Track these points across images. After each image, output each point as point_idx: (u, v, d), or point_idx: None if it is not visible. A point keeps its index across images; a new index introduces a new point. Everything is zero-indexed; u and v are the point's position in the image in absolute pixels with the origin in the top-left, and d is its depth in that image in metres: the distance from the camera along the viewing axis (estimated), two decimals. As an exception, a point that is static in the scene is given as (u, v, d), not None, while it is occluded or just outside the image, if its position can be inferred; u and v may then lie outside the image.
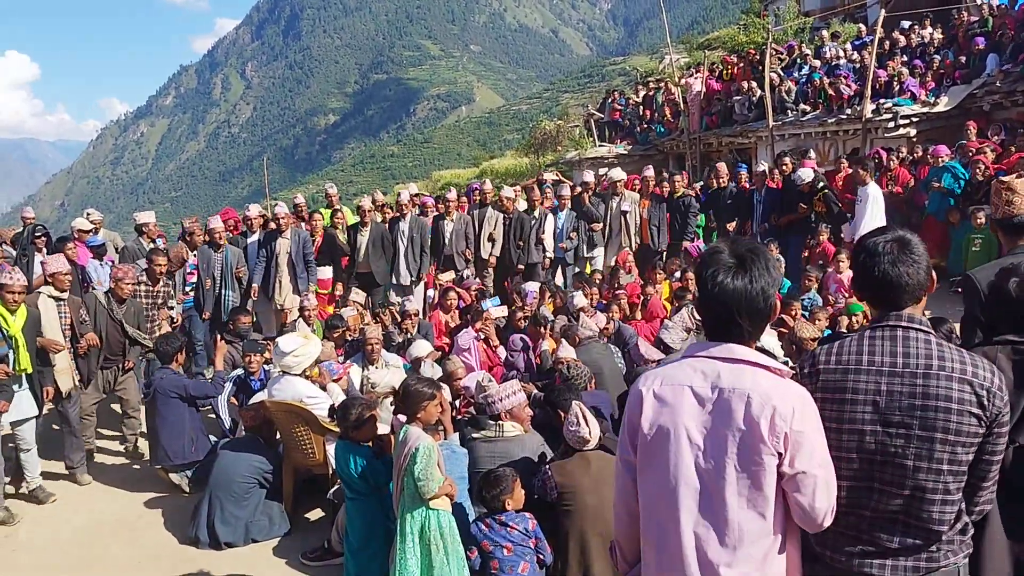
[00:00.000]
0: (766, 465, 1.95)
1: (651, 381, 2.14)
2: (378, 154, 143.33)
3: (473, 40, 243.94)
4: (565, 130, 22.91)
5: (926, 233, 9.91)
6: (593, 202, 10.13)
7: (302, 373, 5.46)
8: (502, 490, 4.02)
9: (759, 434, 1.95)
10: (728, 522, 1.97)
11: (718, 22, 74.04)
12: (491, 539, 3.97)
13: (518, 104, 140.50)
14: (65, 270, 6.41)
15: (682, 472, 2.03)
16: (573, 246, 9.99)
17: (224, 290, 8.71)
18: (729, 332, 2.07)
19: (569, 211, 10.03)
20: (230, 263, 8.74)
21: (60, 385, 6.11)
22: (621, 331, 7.19)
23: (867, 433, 2.12)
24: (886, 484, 2.11)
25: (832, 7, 23.45)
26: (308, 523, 5.65)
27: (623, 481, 2.23)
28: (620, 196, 10.18)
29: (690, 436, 2.03)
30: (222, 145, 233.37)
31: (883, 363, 2.13)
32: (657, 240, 10.06)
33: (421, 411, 3.85)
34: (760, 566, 1.98)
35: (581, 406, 4.27)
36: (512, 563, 3.94)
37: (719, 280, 2.04)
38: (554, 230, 9.96)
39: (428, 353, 6.61)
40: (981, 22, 14.79)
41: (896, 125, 13.06)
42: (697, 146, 17.25)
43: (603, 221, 10.12)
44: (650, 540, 2.13)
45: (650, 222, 10.08)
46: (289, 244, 8.98)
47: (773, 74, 15.39)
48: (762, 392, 1.97)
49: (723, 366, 2.04)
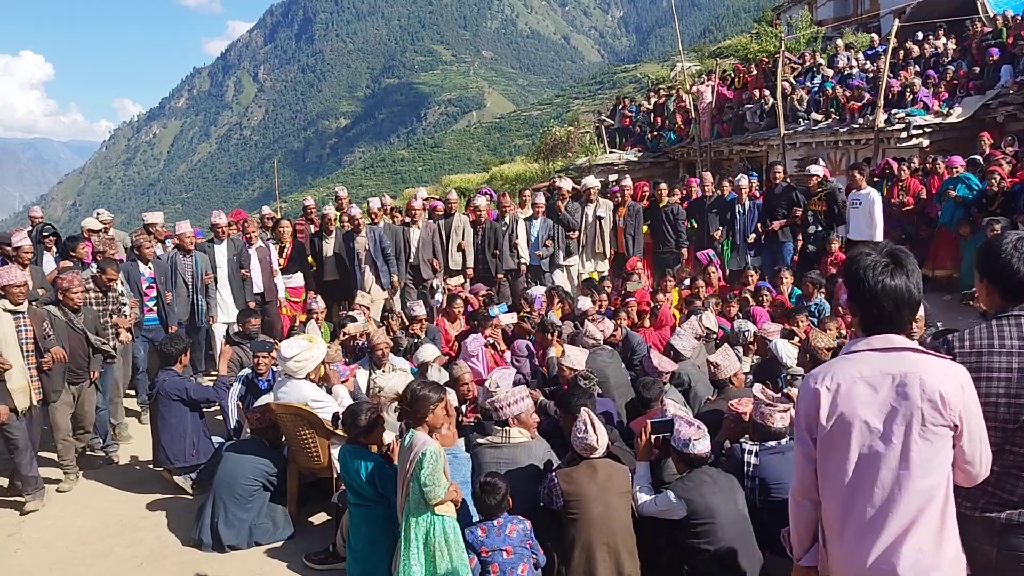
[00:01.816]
0: (943, 436, 2.24)
1: (822, 378, 2.35)
2: (388, 158, 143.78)
3: (485, 46, 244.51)
4: (575, 136, 22.90)
5: (939, 244, 9.87)
6: (570, 209, 10.00)
7: (307, 376, 5.44)
8: (503, 496, 4.01)
9: (938, 409, 2.22)
10: (912, 492, 2.23)
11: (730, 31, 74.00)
12: (489, 545, 3.94)
13: (529, 110, 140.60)
14: (18, 281, 5.82)
15: (866, 454, 2.26)
16: (549, 253, 9.87)
17: (196, 295, 8.47)
18: (889, 325, 2.33)
19: (544, 219, 9.92)
20: (200, 268, 8.50)
21: (16, 403, 5.67)
22: (629, 338, 7.14)
23: (1000, 405, 2.47)
24: (1015, 446, 2.48)
25: (845, 16, 23.41)
26: (312, 526, 5.62)
27: (805, 473, 2.43)
28: (595, 203, 10.04)
29: (868, 422, 2.26)
30: (233, 147, 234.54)
31: (1012, 346, 2.50)
32: (631, 248, 9.92)
33: (428, 415, 3.82)
34: (939, 527, 2.25)
35: (590, 413, 4.23)
36: (512, 565, 3.91)
37: (880, 279, 2.31)
38: (529, 238, 9.85)
39: (435, 357, 6.58)
40: (995, 33, 14.73)
41: (908, 135, 13.00)
42: (708, 154, 17.20)
43: (579, 229, 9.99)
44: (838, 519, 2.33)
45: (625, 230, 9.95)
46: (367, 241, 9.25)
47: (785, 83, 15.34)
48: (933, 373, 2.24)
49: (889, 355, 2.29)
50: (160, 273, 8.21)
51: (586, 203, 10.09)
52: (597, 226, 9.99)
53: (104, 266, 7.17)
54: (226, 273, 8.85)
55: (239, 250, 8.99)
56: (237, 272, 8.88)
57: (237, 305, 8.79)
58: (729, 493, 3.97)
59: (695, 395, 5.79)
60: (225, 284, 8.85)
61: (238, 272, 8.89)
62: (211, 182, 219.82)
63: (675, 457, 4.14)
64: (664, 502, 3.99)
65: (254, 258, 9.06)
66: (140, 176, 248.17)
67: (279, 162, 63.40)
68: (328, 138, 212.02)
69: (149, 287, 8.14)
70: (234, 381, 6.52)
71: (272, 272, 9.18)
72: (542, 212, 9.99)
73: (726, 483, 4.01)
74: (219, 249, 8.93)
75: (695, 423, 4.08)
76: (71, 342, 6.17)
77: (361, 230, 9.32)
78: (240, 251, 8.99)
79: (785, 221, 9.69)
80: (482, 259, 9.70)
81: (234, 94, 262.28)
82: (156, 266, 8.23)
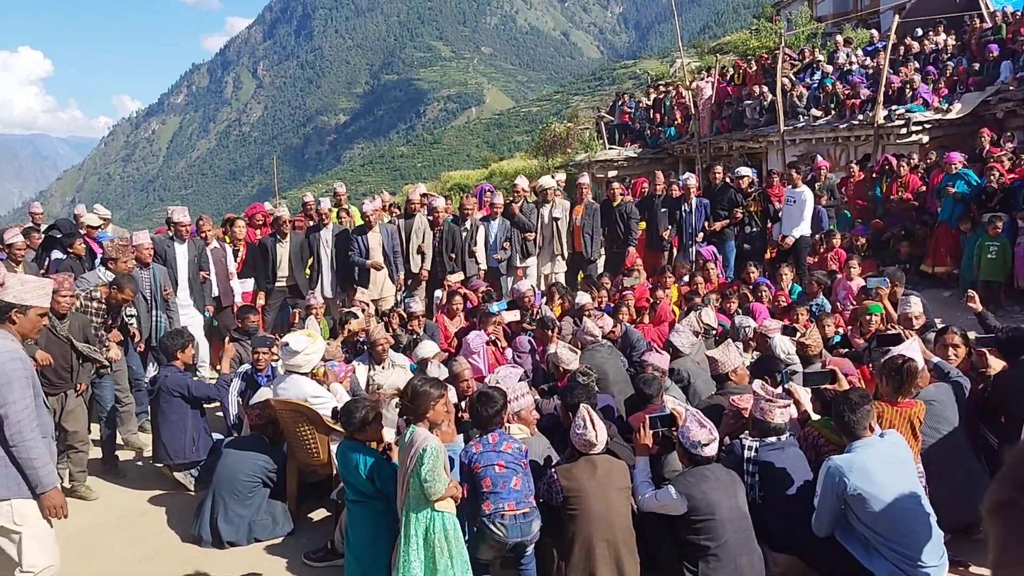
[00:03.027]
0: None
1: None
2: (387, 154, 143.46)
3: (484, 42, 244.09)
4: (575, 132, 22.87)
5: (938, 240, 9.87)
6: (525, 211, 9.87)
7: (308, 373, 5.44)
8: (500, 407, 4.08)
9: None
10: None
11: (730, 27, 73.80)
12: (481, 461, 3.96)
13: (528, 106, 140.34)
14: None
15: None
16: (507, 256, 9.69)
17: (155, 311, 7.70)
18: None
19: (501, 220, 9.73)
20: (159, 283, 7.78)
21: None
22: (628, 334, 7.14)
23: None
24: None
25: (845, 13, 23.40)
26: (311, 523, 5.63)
27: None
28: (551, 204, 9.92)
29: None
30: (233, 144, 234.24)
31: None
32: (590, 248, 9.84)
33: (429, 411, 3.82)
34: None
35: (589, 409, 4.23)
36: (504, 479, 3.94)
37: None
38: (486, 240, 9.67)
39: (435, 354, 6.58)
40: (994, 29, 14.71)
41: (908, 131, 12.99)
42: (707, 150, 17.19)
43: (535, 230, 9.86)
44: None
45: (583, 230, 9.84)
46: (380, 238, 9.08)
47: (785, 79, 15.33)
48: None
49: None
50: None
51: (542, 204, 9.96)
52: (554, 226, 9.83)
53: (122, 284, 6.67)
54: (186, 276, 8.36)
55: (199, 251, 8.56)
56: (197, 275, 8.43)
57: (198, 309, 8.39)
58: (730, 489, 3.97)
59: (694, 391, 5.80)
60: (185, 288, 8.33)
61: (198, 275, 8.44)
62: (210, 178, 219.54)
63: (681, 452, 4.15)
64: (665, 497, 3.99)
65: (210, 260, 8.63)
66: (139, 172, 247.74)
67: (278, 158, 63.31)
68: (327, 134, 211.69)
69: None
70: (234, 377, 6.52)
71: (228, 275, 8.78)
72: (499, 214, 9.79)
73: (727, 479, 4.01)
74: (180, 250, 8.41)
75: (708, 425, 4.06)
76: (49, 348, 5.62)
77: (374, 227, 9.08)
78: (200, 252, 8.56)
79: (728, 221, 9.85)
80: (439, 261, 9.39)
81: (233, 90, 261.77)
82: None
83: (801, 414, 4.73)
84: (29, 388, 3.56)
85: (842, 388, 4.58)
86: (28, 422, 3.51)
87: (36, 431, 3.55)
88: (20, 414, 3.49)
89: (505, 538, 3.91)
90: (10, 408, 3.47)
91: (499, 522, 3.90)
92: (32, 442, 3.51)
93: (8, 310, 3.65)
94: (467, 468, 4.04)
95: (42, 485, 3.57)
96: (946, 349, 5.22)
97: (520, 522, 3.93)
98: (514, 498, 3.94)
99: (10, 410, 3.47)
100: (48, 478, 3.58)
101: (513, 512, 3.92)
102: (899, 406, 4.24)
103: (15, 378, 3.49)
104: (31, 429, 3.52)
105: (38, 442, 3.55)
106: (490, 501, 3.94)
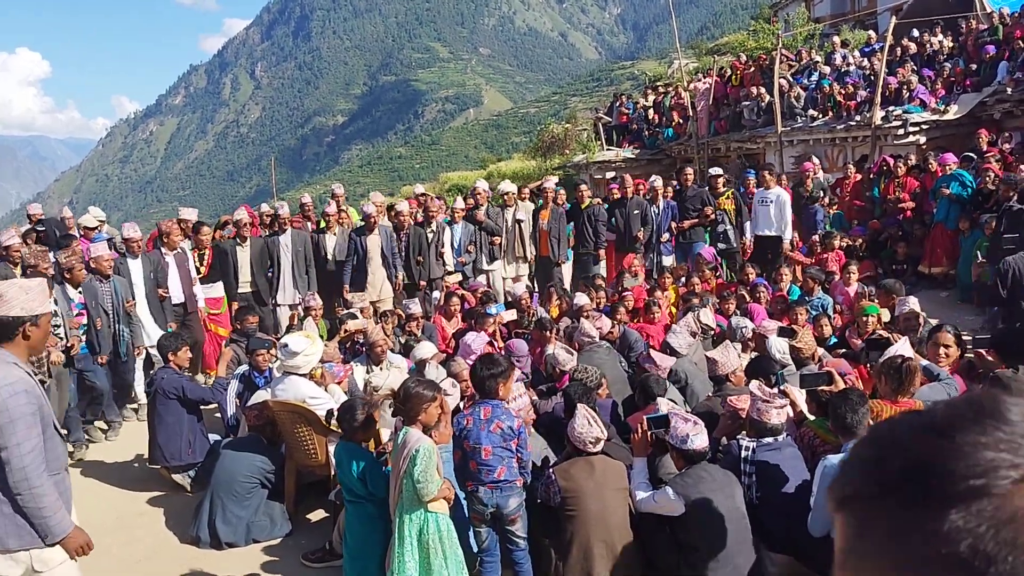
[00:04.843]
0: None
1: None
2: (385, 155, 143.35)
3: (482, 43, 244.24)
4: (573, 133, 22.87)
5: (935, 241, 9.89)
6: (490, 214, 9.84)
7: (307, 374, 5.45)
8: (499, 372, 4.05)
9: None
10: None
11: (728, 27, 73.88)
12: (471, 439, 3.97)
13: (526, 107, 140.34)
14: None
15: None
16: (471, 260, 9.67)
17: (118, 325, 7.32)
18: None
19: (465, 224, 9.71)
20: (121, 295, 7.43)
21: None
22: (626, 335, 7.14)
23: None
24: None
25: (842, 14, 23.44)
26: (310, 524, 5.62)
27: None
28: (514, 207, 9.91)
29: None
30: (231, 145, 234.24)
31: None
32: (557, 251, 9.82)
33: (422, 413, 3.82)
34: None
35: (587, 408, 4.24)
36: (489, 467, 3.94)
37: None
38: (451, 244, 9.63)
39: (432, 355, 6.58)
40: (991, 30, 14.73)
41: (905, 132, 13.01)
42: (705, 151, 17.20)
43: (501, 233, 9.83)
44: None
45: (550, 233, 9.81)
46: (379, 240, 9.06)
47: (782, 80, 15.34)
48: None
49: None
50: (90, 298, 7.14)
51: (505, 207, 9.95)
52: (518, 229, 9.82)
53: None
54: (143, 292, 7.98)
55: (155, 266, 8.17)
56: (155, 291, 8.10)
57: (159, 326, 8.00)
58: (728, 490, 3.97)
59: (692, 392, 5.81)
60: (143, 304, 7.97)
61: (155, 291, 8.11)
62: (208, 179, 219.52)
63: (674, 454, 4.15)
64: (663, 498, 4.00)
65: (172, 265, 8.31)
66: (137, 173, 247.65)
67: (276, 159, 63.29)
68: (325, 135, 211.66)
69: (79, 314, 7.04)
70: (232, 379, 6.52)
71: (191, 281, 8.47)
72: (462, 217, 9.75)
73: (724, 480, 4.01)
74: (134, 266, 8.00)
75: (691, 418, 4.09)
76: None
77: (374, 229, 9.06)
78: (156, 266, 8.16)
79: (696, 220, 9.89)
80: (405, 265, 9.33)
81: (231, 91, 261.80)
82: (86, 290, 7.14)
83: (797, 415, 4.74)
84: (37, 425, 3.04)
85: (838, 389, 4.58)
86: (34, 467, 3.01)
87: (43, 476, 3.05)
88: (24, 458, 2.98)
89: (484, 508, 3.98)
90: (12, 452, 2.97)
91: (475, 496, 4.00)
92: (39, 489, 3.03)
93: (18, 326, 3.09)
94: (458, 438, 4.07)
95: (53, 535, 3.12)
96: (937, 348, 5.22)
97: (496, 494, 3.98)
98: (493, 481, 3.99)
99: (12, 454, 2.97)
100: (59, 526, 3.13)
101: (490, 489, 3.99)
102: (899, 405, 4.25)
103: (18, 416, 2.97)
104: (38, 476, 3.03)
105: (46, 488, 3.07)
106: (472, 482, 4.01)
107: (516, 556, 4.12)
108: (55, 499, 3.13)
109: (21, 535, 3.07)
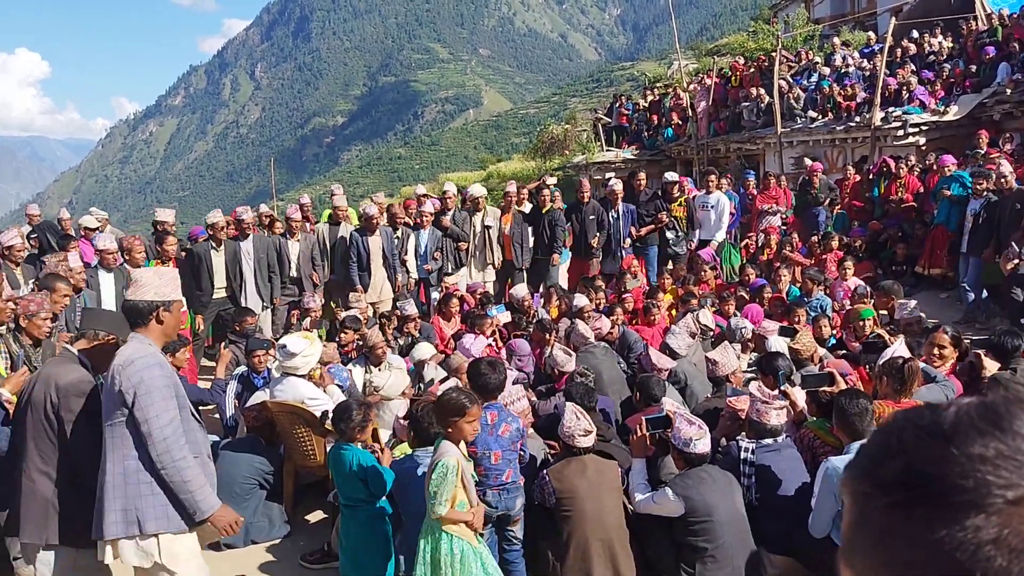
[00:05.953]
0: None
1: None
2: (385, 156, 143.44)
3: (482, 44, 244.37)
4: (572, 134, 22.89)
5: (934, 242, 9.88)
6: (457, 219, 9.68)
7: (305, 375, 5.43)
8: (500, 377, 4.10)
9: None
10: None
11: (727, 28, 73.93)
12: (480, 444, 3.95)
13: (526, 108, 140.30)
14: None
15: None
16: (438, 267, 9.46)
17: None
18: None
19: (432, 230, 9.49)
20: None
21: None
22: (626, 336, 7.13)
23: None
24: None
25: (842, 15, 23.45)
26: (308, 525, 5.61)
27: None
28: (483, 212, 9.73)
29: None
30: (230, 145, 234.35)
31: None
32: (521, 257, 9.70)
33: (450, 425, 3.57)
34: None
35: (575, 406, 4.26)
36: (498, 471, 3.96)
37: None
38: (417, 250, 9.44)
39: (431, 356, 6.57)
40: (991, 31, 14.74)
41: (905, 133, 13.01)
42: (705, 152, 17.21)
43: (468, 239, 9.67)
44: None
45: (513, 239, 9.69)
46: (381, 241, 9.00)
47: (782, 81, 15.35)
48: None
49: None
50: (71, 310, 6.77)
51: (473, 212, 9.78)
52: (485, 235, 9.68)
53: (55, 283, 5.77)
54: (114, 308, 7.38)
55: (127, 279, 7.62)
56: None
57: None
58: (727, 491, 3.97)
59: (691, 392, 5.80)
60: None
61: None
62: (207, 180, 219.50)
63: (675, 455, 4.15)
64: (662, 499, 3.99)
65: None
66: (136, 174, 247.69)
67: (275, 160, 63.23)
68: (324, 136, 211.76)
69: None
70: (230, 380, 6.50)
71: None
72: (430, 223, 9.56)
73: (724, 481, 4.00)
74: (105, 279, 7.59)
75: (696, 422, 4.08)
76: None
77: (375, 230, 8.97)
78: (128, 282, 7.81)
79: (652, 227, 9.96)
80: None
81: (231, 92, 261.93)
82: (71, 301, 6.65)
83: (797, 415, 4.73)
84: (173, 399, 3.04)
85: (839, 390, 4.58)
86: (175, 439, 2.99)
87: (185, 449, 3.02)
88: (165, 430, 2.96)
89: (492, 511, 3.96)
90: (152, 424, 2.94)
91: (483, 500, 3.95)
92: (183, 462, 3.00)
93: (153, 310, 3.11)
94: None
95: (201, 512, 3.06)
96: (932, 348, 5.21)
97: (504, 497, 3.99)
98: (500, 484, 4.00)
99: (152, 426, 2.94)
100: (206, 502, 3.08)
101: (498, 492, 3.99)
102: (901, 405, 4.24)
103: (155, 387, 2.96)
104: (180, 447, 3.00)
105: (190, 460, 3.03)
106: (479, 487, 3.96)
107: (511, 556, 4.11)
108: (199, 474, 3.10)
109: (159, 517, 3.02)
